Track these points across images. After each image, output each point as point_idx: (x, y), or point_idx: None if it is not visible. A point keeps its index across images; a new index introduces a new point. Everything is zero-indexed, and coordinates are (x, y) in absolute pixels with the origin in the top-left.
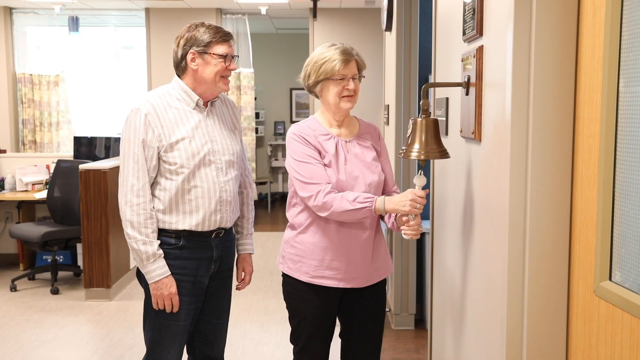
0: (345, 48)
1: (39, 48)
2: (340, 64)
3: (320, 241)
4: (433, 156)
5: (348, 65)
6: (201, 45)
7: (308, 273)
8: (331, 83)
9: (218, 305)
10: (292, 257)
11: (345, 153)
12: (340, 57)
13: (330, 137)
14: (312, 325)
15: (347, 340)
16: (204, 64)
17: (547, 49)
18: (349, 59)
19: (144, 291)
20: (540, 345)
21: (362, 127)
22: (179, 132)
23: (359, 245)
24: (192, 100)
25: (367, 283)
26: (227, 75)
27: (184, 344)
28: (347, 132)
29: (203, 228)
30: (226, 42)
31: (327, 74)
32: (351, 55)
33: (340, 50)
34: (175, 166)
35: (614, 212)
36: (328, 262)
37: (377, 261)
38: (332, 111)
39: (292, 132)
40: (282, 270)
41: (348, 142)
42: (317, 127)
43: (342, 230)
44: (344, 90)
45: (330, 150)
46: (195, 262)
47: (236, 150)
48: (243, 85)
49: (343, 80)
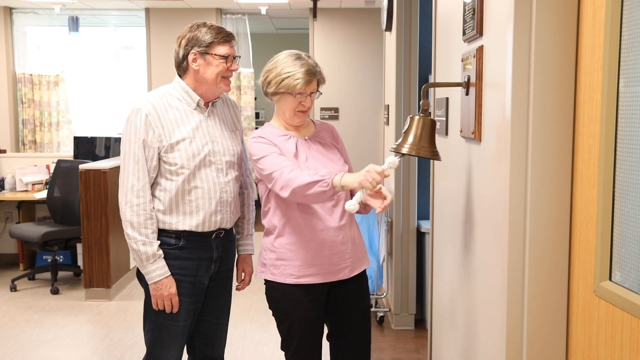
0: (310, 66)
1: (39, 48)
2: (302, 83)
3: (299, 240)
4: (424, 154)
5: (310, 84)
6: (203, 46)
7: (293, 274)
8: (290, 97)
9: (218, 306)
10: (274, 262)
11: (306, 150)
12: (303, 76)
13: (289, 137)
14: (303, 326)
15: (338, 339)
16: (206, 64)
17: (547, 49)
18: (312, 79)
19: (144, 291)
20: (540, 345)
21: (318, 126)
22: (180, 132)
23: (337, 238)
24: (193, 100)
25: (351, 274)
26: (228, 76)
27: (184, 344)
28: (304, 132)
29: (203, 229)
30: (228, 42)
31: (287, 89)
32: (314, 74)
33: (305, 69)
34: (175, 167)
35: (614, 212)
36: (311, 259)
37: (357, 251)
38: (286, 120)
39: (250, 137)
40: (265, 278)
41: (307, 140)
42: (275, 131)
43: (316, 225)
44: (300, 106)
45: (290, 149)
46: (195, 262)
47: (237, 151)
48: (243, 85)
49: (302, 95)
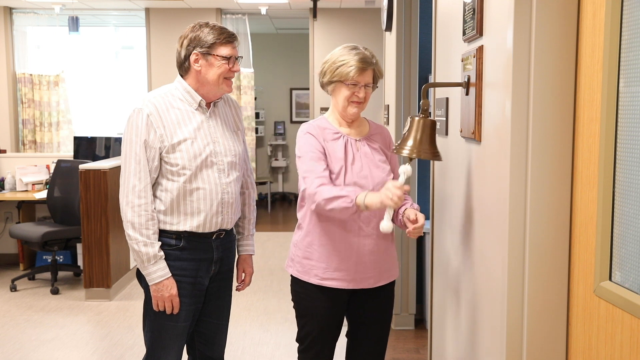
0: (364, 56)
1: (39, 48)
2: (355, 71)
3: (327, 242)
4: (425, 156)
5: (363, 73)
6: (205, 47)
7: (318, 275)
8: (343, 86)
9: (218, 306)
10: (301, 260)
11: (354, 152)
12: (357, 64)
13: (339, 135)
14: (320, 324)
15: (354, 341)
16: (207, 65)
17: (547, 49)
18: (366, 68)
19: (144, 292)
20: (540, 345)
21: (372, 128)
22: (181, 133)
23: (365, 247)
24: (195, 101)
25: (375, 284)
26: (230, 77)
27: (184, 344)
28: (357, 132)
29: (204, 230)
30: (230, 43)
31: (341, 77)
32: (369, 64)
33: (359, 58)
34: (177, 167)
35: (614, 212)
36: (336, 265)
37: (386, 262)
38: (340, 112)
39: (301, 129)
40: (291, 273)
41: (357, 141)
42: (327, 126)
43: (349, 230)
44: (353, 96)
45: (338, 150)
46: (196, 263)
47: (238, 152)
48: (243, 85)
49: (355, 86)
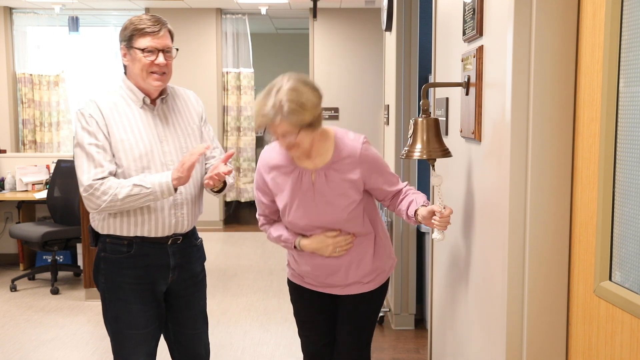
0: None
1: (39, 48)
2: (256, 126)
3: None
4: (435, 155)
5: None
6: (125, 39)
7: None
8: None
9: (192, 317)
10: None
11: (308, 186)
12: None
13: (291, 169)
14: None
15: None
16: (132, 59)
17: (547, 49)
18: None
19: (101, 297)
20: (540, 345)
21: (340, 153)
22: (125, 133)
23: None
24: (138, 98)
25: (343, 293)
26: (156, 71)
27: (154, 349)
28: (318, 160)
29: (156, 234)
30: (150, 34)
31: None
32: (268, 118)
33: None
34: (122, 168)
35: (614, 212)
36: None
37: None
38: None
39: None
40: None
41: (316, 172)
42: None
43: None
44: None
45: (284, 187)
46: (150, 269)
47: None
48: (243, 85)
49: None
